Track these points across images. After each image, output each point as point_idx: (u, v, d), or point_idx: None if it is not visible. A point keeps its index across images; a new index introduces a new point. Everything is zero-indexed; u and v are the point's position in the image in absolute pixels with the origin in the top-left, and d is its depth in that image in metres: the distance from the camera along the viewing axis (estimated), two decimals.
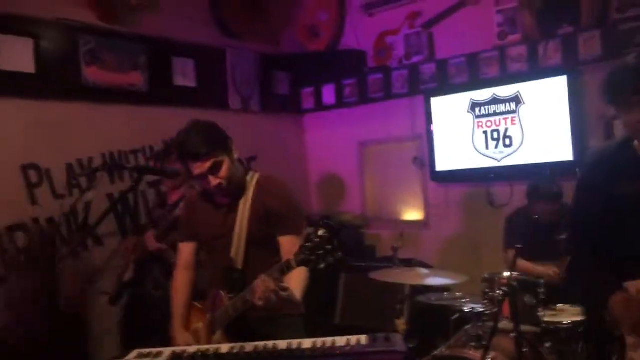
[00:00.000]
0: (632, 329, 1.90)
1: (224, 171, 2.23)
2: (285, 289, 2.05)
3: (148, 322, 3.20)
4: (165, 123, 4.13)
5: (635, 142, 1.93)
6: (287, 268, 1.98)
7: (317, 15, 5.13)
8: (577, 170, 2.31)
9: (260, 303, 2.03)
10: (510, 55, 4.10)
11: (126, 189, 3.06)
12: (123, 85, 4.04)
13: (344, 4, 5.04)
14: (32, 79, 3.61)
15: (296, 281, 2.16)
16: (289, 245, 2.26)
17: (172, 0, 4.38)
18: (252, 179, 2.37)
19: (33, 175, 3.62)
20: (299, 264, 1.93)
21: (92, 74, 3.87)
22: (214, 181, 2.23)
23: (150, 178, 3.81)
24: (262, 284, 2.01)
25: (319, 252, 1.85)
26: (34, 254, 3.51)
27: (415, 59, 4.61)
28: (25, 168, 3.59)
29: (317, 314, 2.87)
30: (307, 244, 1.89)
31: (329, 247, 1.84)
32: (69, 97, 3.79)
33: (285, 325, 2.28)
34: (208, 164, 2.19)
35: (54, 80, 3.71)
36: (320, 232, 1.87)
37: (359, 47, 5.02)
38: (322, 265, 1.86)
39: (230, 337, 2.19)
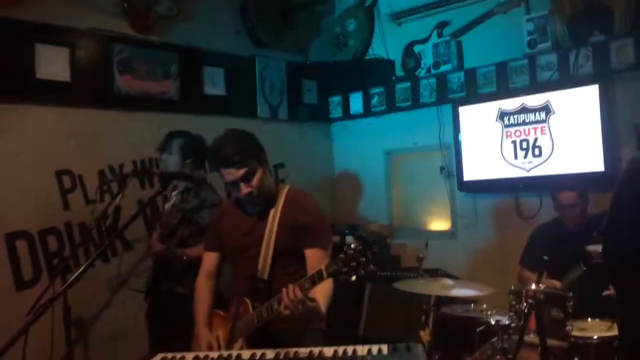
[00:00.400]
0: None
1: (256, 180, 2.27)
2: (313, 300, 2.07)
3: (170, 319, 3.24)
4: (195, 130, 4.16)
5: None
6: (318, 278, 2.00)
7: (345, 23, 5.16)
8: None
9: (286, 312, 2.05)
10: (540, 64, 4.05)
11: (153, 194, 3.13)
12: (155, 93, 4.13)
13: (372, 13, 5.05)
14: (68, 88, 3.72)
15: (322, 294, 2.18)
16: (314, 258, 2.30)
17: (203, 10, 4.48)
18: (282, 191, 2.41)
19: (67, 181, 3.72)
20: (330, 275, 1.95)
21: (124, 83, 3.97)
22: (245, 189, 2.27)
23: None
24: (290, 293, 2.03)
25: (352, 264, 1.87)
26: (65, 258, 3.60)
27: (443, 68, 4.59)
28: (59, 174, 3.69)
29: (341, 324, 2.85)
30: (340, 256, 1.91)
31: (363, 259, 1.86)
32: (102, 105, 3.89)
33: (306, 339, 2.28)
34: (241, 172, 2.24)
35: (88, 89, 3.81)
36: (354, 245, 1.90)
37: (387, 56, 5.02)
38: (354, 278, 1.88)
39: (251, 347, 2.21)
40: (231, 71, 4.61)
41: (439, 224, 4.81)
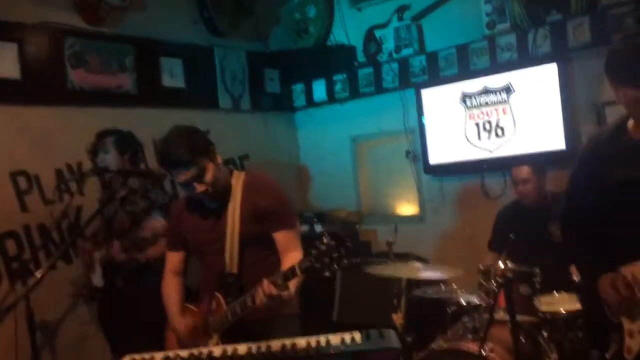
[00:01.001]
0: (618, 307, 1.88)
1: (208, 177, 2.22)
2: (286, 288, 2.06)
3: (128, 317, 3.20)
4: (155, 124, 4.07)
5: (630, 125, 1.91)
6: (291, 274, 1.98)
7: (305, 10, 5.10)
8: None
9: (261, 306, 2.05)
10: (499, 45, 4.08)
11: (110, 193, 3.04)
12: (110, 87, 4.00)
13: None
14: (18, 85, 3.57)
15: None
16: (283, 240, 2.29)
17: (158, 0, 4.35)
18: (238, 179, 2.36)
19: (22, 182, 3.58)
20: (303, 272, 1.94)
21: (78, 77, 3.83)
22: (199, 188, 2.22)
23: None
24: (266, 290, 2.01)
25: (325, 260, 1.86)
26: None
27: (404, 52, 4.58)
28: (14, 175, 3.55)
29: (314, 311, 2.86)
30: (312, 251, 1.89)
31: (335, 254, 1.84)
32: (55, 101, 3.75)
33: (281, 326, 2.27)
34: (192, 172, 2.19)
35: (39, 85, 3.66)
36: (326, 240, 1.88)
37: (349, 42, 4.98)
38: (327, 274, 1.87)
39: (226, 340, 2.18)
40: (190, 62, 4.50)
41: (407, 208, 4.83)
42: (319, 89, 5.13)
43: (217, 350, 1.90)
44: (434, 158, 4.45)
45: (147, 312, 2.87)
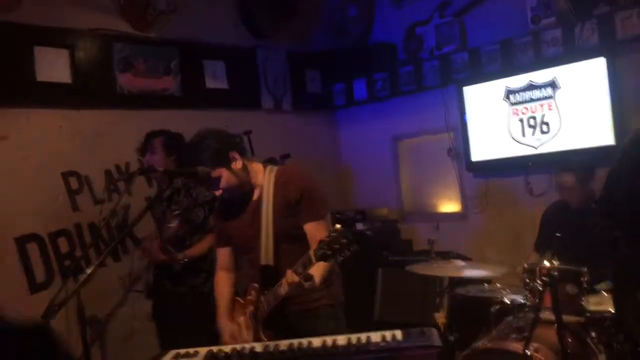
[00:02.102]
0: None
1: (223, 182, 2.33)
2: (309, 278, 2.11)
3: (177, 317, 3.27)
4: (200, 125, 4.13)
5: None
6: (308, 262, 2.05)
7: (346, 10, 5.11)
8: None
9: (289, 295, 2.14)
10: (545, 40, 3.98)
11: (158, 192, 3.13)
12: (156, 90, 4.12)
13: None
14: (69, 89, 3.72)
15: (317, 268, 2.16)
16: (313, 231, 2.32)
17: (201, 3, 4.44)
18: (270, 175, 2.41)
19: (73, 182, 3.73)
20: (318, 259, 1.99)
21: (126, 81, 3.96)
22: (216, 192, 2.37)
23: None
24: (288, 278, 2.10)
25: (335, 247, 1.91)
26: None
27: (446, 49, 4.53)
28: (65, 175, 3.70)
29: (356, 310, 2.86)
30: (324, 239, 1.96)
31: (344, 240, 1.89)
32: (104, 104, 3.89)
33: (324, 317, 2.34)
34: (206, 184, 2.36)
35: (89, 89, 3.82)
36: (334, 228, 1.95)
37: (389, 40, 4.97)
38: (340, 259, 1.93)
39: (270, 331, 2.26)
40: (232, 64, 4.58)
41: (449, 206, 4.78)
42: (360, 88, 5.13)
43: (259, 347, 1.94)
44: (477, 155, 4.38)
45: (196, 312, 2.94)
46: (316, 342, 1.85)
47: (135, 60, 4.00)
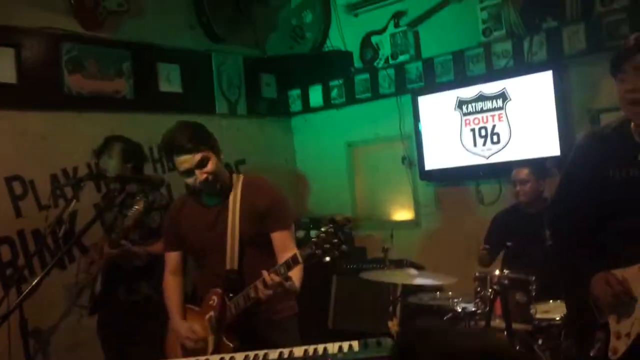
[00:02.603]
0: (611, 306, 1.89)
1: (210, 166, 2.30)
2: (289, 279, 2.14)
3: (127, 329, 3.18)
4: (152, 129, 4.07)
5: (632, 126, 1.91)
6: (293, 262, 2.06)
7: (302, 16, 5.11)
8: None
9: (265, 296, 2.11)
10: (495, 52, 4.11)
11: (109, 199, 3.03)
12: (107, 92, 4.00)
13: (328, 5, 5.02)
14: (14, 89, 3.56)
15: (294, 271, 2.22)
16: (280, 240, 2.37)
17: (155, 4, 4.34)
18: (238, 181, 2.43)
19: (17, 187, 3.56)
20: (305, 259, 2.02)
21: (75, 82, 3.82)
22: (201, 176, 2.29)
23: None
24: (268, 280, 2.09)
25: (325, 246, 1.93)
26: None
27: (401, 58, 4.60)
28: (9, 180, 3.54)
29: (310, 318, 2.86)
30: (312, 239, 1.98)
31: (335, 240, 1.91)
32: (52, 106, 3.74)
33: (288, 328, 2.39)
34: (196, 158, 2.26)
35: (36, 90, 3.66)
36: (324, 228, 1.98)
37: (345, 48, 5.00)
38: (327, 259, 1.95)
39: (231, 336, 2.24)
40: (187, 67, 4.50)
41: (403, 213, 4.84)
42: (316, 95, 5.14)
43: (213, 358, 1.90)
44: (430, 164, 4.46)
45: (150, 322, 2.86)
46: (273, 354, 1.83)
47: (85, 61, 3.87)
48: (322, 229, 1.97)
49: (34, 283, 1.92)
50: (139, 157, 3.42)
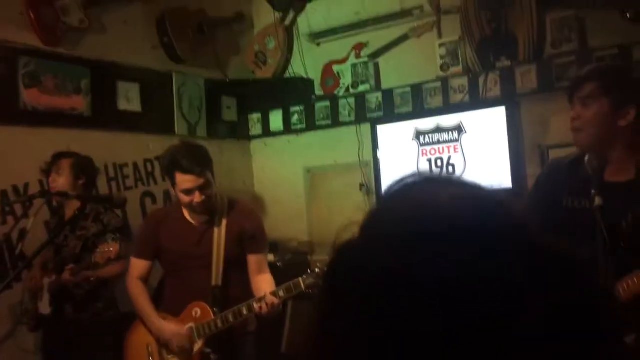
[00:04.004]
0: None
1: (210, 190, 2.45)
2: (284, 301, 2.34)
3: (76, 347, 3.08)
4: (109, 148, 4.03)
5: (587, 158, 2.02)
6: (295, 289, 2.23)
7: (265, 42, 5.17)
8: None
9: (264, 315, 2.30)
10: (452, 86, 4.26)
11: (66, 220, 2.95)
12: (64, 108, 3.92)
13: (291, 33, 5.10)
14: None
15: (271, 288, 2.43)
16: (257, 262, 2.55)
17: (117, 23, 4.31)
18: (222, 201, 2.58)
19: None
20: (307, 287, 2.18)
21: (31, 97, 3.73)
22: (199, 198, 2.41)
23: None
24: (269, 302, 2.25)
25: None
26: None
27: (361, 88, 4.70)
28: None
29: (263, 342, 2.88)
30: (316, 270, 2.15)
31: None
32: (5, 120, 3.62)
33: (249, 343, 2.56)
34: (201, 181, 2.40)
35: None
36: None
37: (307, 75, 5.07)
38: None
39: (211, 349, 2.38)
40: (147, 87, 4.46)
41: None
42: (276, 120, 5.18)
43: None
44: None
45: (96, 343, 2.79)
46: None
47: (42, 76, 3.79)
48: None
49: None
50: (91, 172, 3.34)
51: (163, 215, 2.68)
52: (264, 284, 2.47)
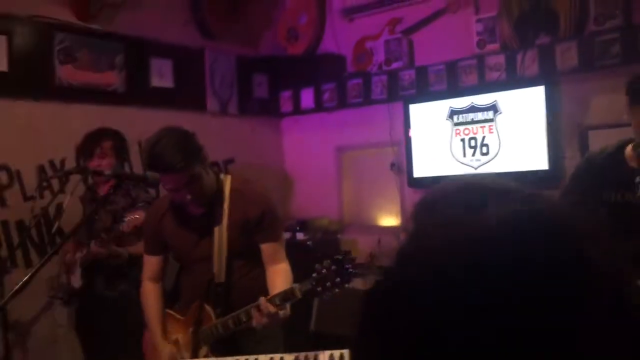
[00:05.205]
0: None
1: (198, 185, 2.15)
2: (283, 309, 2.05)
3: (104, 324, 3.15)
4: (142, 124, 4.04)
5: (627, 151, 1.95)
6: (291, 296, 1.98)
7: (297, 18, 5.11)
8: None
9: (259, 327, 2.02)
10: (488, 64, 4.14)
11: (103, 197, 2.98)
12: (98, 84, 3.96)
13: (324, 8, 5.02)
14: (5, 77, 3.51)
15: (284, 281, 2.18)
16: (270, 251, 2.26)
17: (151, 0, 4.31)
18: (226, 184, 2.28)
19: (3, 177, 3.51)
20: (303, 294, 1.95)
21: (66, 73, 3.78)
22: (187, 195, 2.14)
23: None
24: (264, 310, 1.99)
25: (327, 285, 1.87)
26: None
27: (394, 65, 4.61)
28: None
29: (292, 319, 2.86)
30: (313, 275, 1.92)
31: (338, 279, 1.86)
32: (41, 96, 3.69)
33: (267, 336, 2.26)
34: (184, 179, 2.10)
35: (26, 79, 3.61)
36: (327, 264, 1.91)
37: (339, 52, 5.00)
38: (326, 297, 1.92)
39: (216, 351, 2.17)
40: (180, 63, 4.47)
41: (389, 219, 4.85)
42: (307, 97, 5.13)
43: None
44: (419, 171, 4.48)
45: (126, 319, 2.83)
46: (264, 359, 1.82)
47: (77, 52, 3.82)
48: (325, 264, 1.91)
49: (24, 280, 1.88)
50: (125, 152, 3.40)
51: (164, 205, 2.39)
52: (277, 276, 2.18)
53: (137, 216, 2.76)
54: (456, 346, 0.47)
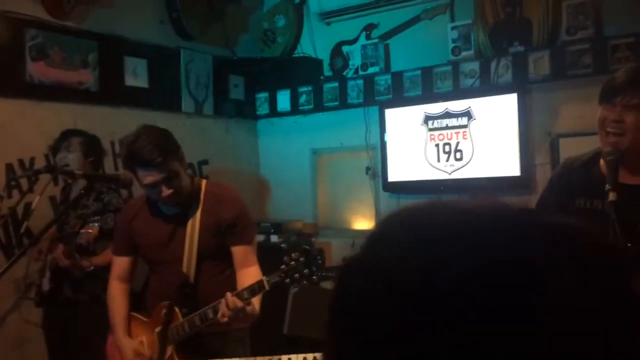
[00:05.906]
0: None
1: (177, 182, 2.15)
2: (250, 303, 2.04)
3: (72, 327, 3.10)
4: (115, 123, 4.00)
5: (601, 160, 1.99)
6: (259, 289, 1.97)
7: (274, 20, 5.10)
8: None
9: (225, 320, 2.00)
10: (463, 71, 4.20)
11: (74, 199, 2.92)
12: (71, 82, 3.88)
13: (301, 11, 5.03)
14: None
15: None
16: (241, 255, 2.26)
17: None
18: (200, 188, 2.29)
19: None
20: (271, 286, 1.94)
21: (37, 70, 3.70)
22: (166, 192, 2.14)
23: None
24: (230, 304, 1.97)
25: (295, 276, 1.86)
26: None
27: (370, 70, 4.64)
28: None
29: (265, 323, 2.84)
30: (282, 267, 1.91)
31: (306, 271, 1.86)
32: (11, 93, 3.60)
33: (234, 340, 2.26)
34: (162, 174, 2.10)
35: None
36: (295, 256, 1.90)
37: (316, 55, 5.01)
38: (296, 289, 1.90)
39: (180, 352, 2.15)
40: (155, 63, 4.42)
41: (364, 223, 4.87)
42: (283, 100, 5.13)
43: None
44: (393, 176, 4.51)
45: (95, 322, 2.79)
46: None
47: (50, 49, 3.75)
48: (293, 256, 1.91)
49: None
50: (98, 151, 3.35)
51: (137, 206, 2.40)
52: (247, 278, 2.15)
53: (91, 231, 2.73)
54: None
